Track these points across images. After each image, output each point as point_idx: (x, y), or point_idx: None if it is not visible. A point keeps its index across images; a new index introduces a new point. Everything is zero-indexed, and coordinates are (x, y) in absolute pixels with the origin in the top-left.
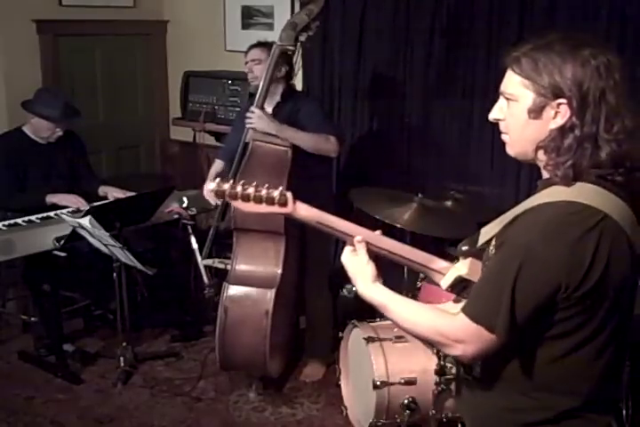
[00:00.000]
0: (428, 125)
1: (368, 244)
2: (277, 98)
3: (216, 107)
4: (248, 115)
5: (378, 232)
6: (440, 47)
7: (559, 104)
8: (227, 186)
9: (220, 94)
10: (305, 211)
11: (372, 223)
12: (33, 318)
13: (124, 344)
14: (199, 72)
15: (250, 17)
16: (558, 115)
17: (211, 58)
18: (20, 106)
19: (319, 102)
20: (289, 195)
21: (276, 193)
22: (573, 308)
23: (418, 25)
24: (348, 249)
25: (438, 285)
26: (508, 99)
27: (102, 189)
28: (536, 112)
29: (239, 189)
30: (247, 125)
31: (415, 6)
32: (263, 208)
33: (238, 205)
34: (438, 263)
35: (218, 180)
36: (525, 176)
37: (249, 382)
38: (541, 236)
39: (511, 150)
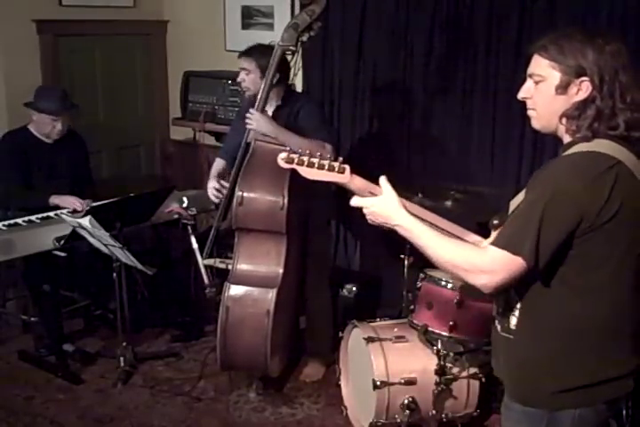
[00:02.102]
0: (428, 125)
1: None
2: (277, 101)
3: (216, 107)
4: (248, 116)
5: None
6: (440, 47)
7: (582, 82)
8: (296, 155)
9: (220, 94)
10: (359, 182)
11: None
12: (33, 318)
13: (124, 344)
14: (199, 72)
15: (250, 17)
16: (580, 91)
17: (211, 58)
18: (19, 106)
19: (318, 104)
20: (347, 166)
21: (336, 163)
22: (595, 237)
23: (418, 24)
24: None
25: None
26: (536, 80)
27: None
28: (562, 88)
29: (306, 157)
30: (247, 126)
31: (415, 6)
32: (323, 175)
33: (303, 170)
34: (472, 237)
35: (289, 149)
36: (525, 176)
37: (249, 382)
38: (567, 172)
39: (537, 123)
